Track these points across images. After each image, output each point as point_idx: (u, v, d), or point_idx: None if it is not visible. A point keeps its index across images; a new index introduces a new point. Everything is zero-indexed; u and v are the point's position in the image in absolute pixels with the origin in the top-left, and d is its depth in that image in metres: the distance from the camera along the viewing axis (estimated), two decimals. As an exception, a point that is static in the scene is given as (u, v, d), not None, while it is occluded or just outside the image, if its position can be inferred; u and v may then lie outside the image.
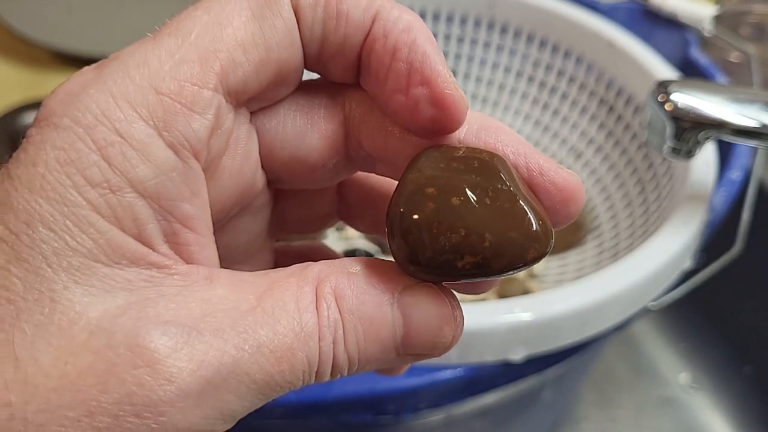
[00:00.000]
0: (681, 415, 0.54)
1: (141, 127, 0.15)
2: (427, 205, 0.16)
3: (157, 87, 0.15)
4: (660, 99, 0.34)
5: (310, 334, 0.16)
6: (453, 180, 0.17)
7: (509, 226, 0.16)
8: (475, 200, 0.17)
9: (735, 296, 0.55)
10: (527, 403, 0.41)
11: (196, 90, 0.16)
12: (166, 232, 0.16)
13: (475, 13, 0.51)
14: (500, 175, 0.17)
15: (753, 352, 0.55)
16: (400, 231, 0.16)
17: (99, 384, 0.14)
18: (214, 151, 0.17)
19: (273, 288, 0.16)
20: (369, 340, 0.16)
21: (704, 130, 0.33)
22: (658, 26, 0.52)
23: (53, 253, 0.14)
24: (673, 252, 0.34)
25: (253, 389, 0.15)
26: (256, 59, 0.16)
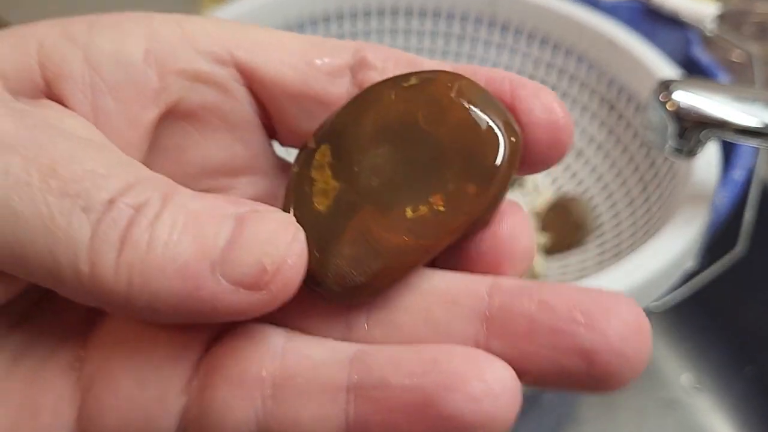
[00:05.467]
0: (683, 416, 0.54)
1: (135, 25, 0.16)
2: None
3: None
4: (662, 98, 0.33)
5: (110, 184, 0.13)
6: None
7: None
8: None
9: (737, 297, 0.55)
10: (529, 405, 0.41)
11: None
12: (77, 104, 0.15)
13: (476, 12, 0.51)
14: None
15: (755, 353, 0.54)
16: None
17: None
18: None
19: (113, 150, 0.14)
20: (186, 230, 0.13)
21: (706, 130, 0.33)
22: (659, 25, 0.52)
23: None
24: (675, 252, 0.34)
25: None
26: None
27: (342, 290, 0.14)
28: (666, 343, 0.57)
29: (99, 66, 0.15)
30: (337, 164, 0.16)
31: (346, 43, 0.17)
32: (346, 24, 0.50)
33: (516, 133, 0.15)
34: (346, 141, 0.16)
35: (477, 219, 0.15)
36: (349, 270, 0.14)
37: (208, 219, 0.13)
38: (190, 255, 0.12)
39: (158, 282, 0.12)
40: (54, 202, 0.12)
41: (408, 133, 0.15)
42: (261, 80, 0.17)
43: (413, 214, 0.15)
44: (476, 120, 0.15)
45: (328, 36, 0.50)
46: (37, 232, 0.12)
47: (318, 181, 0.15)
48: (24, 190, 0.12)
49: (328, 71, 0.17)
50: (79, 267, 0.12)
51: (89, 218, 0.12)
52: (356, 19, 0.50)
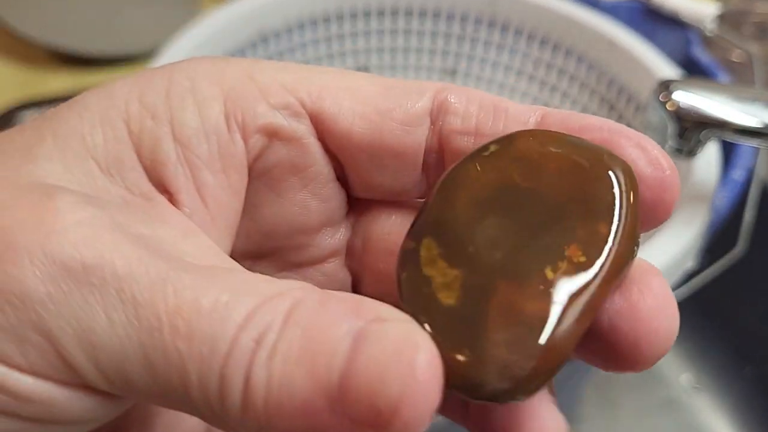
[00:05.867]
0: (683, 416, 0.54)
1: (208, 85, 0.15)
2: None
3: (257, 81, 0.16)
4: (662, 98, 0.33)
5: (233, 316, 0.12)
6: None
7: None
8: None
9: (737, 297, 0.55)
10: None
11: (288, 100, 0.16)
12: (178, 185, 0.15)
13: (476, 12, 0.51)
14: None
15: (755, 353, 0.54)
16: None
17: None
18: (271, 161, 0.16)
19: (235, 273, 0.13)
20: (302, 362, 0.12)
21: (706, 130, 0.33)
22: (659, 25, 0.52)
23: (69, 137, 0.14)
24: (675, 252, 0.33)
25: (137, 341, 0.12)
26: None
27: (511, 384, 0.12)
28: (666, 343, 0.57)
29: (189, 142, 0.15)
30: (449, 252, 0.14)
31: (426, 85, 0.16)
32: (346, 24, 0.50)
33: (625, 163, 0.14)
34: (448, 227, 0.14)
35: (622, 262, 0.13)
36: (511, 357, 0.12)
37: (324, 343, 0.12)
38: (306, 392, 0.12)
39: (282, 421, 0.12)
40: (183, 347, 0.12)
41: (510, 197, 0.14)
42: (331, 132, 0.16)
43: (554, 274, 0.13)
44: (577, 160, 0.14)
45: (332, 38, 0.50)
46: (172, 377, 0.12)
47: (435, 277, 0.14)
48: (156, 337, 0.12)
49: (403, 120, 0.16)
50: (213, 408, 0.12)
51: (217, 360, 0.12)
52: (356, 20, 0.50)
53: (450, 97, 0.16)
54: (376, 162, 0.16)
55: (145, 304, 0.12)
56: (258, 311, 0.12)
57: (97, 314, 0.12)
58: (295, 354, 0.12)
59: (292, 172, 0.16)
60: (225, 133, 0.15)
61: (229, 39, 0.45)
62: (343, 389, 0.12)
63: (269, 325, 0.12)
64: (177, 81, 0.15)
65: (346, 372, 0.12)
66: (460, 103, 0.16)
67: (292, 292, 0.13)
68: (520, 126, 0.16)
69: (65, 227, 0.13)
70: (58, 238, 0.12)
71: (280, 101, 0.16)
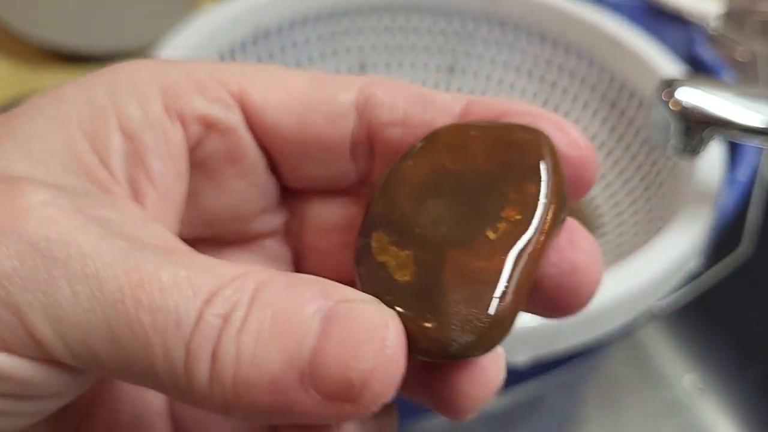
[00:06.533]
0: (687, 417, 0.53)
1: (148, 83, 0.16)
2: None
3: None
4: (665, 97, 0.33)
5: (196, 292, 0.13)
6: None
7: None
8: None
9: (740, 297, 0.54)
10: (531, 407, 0.40)
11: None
12: (129, 174, 0.16)
13: (475, 8, 0.51)
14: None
15: (759, 354, 0.54)
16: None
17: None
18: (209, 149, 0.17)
19: (194, 254, 0.14)
20: (273, 339, 0.12)
21: (710, 129, 0.33)
22: (663, 23, 0.52)
23: (30, 140, 0.15)
24: (678, 252, 0.33)
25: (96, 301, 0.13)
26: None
27: (474, 336, 0.13)
28: (669, 344, 0.57)
29: (135, 134, 0.16)
30: (398, 238, 0.15)
31: (352, 79, 0.17)
32: (345, 22, 0.50)
33: (536, 130, 0.15)
34: (394, 218, 0.15)
35: (557, 213, 0.15)
36: (470, 311, 0.14)
37: (295, 322, 0.13)
38: (278, 368, 0.12)
39: (251, 397, 0.12)
40: (148, 320, 0.12)
41: (445, 180, 0.15)
42: (261, 124, 0.17)
43: (496, 234, 0.14)
44: (497, 137, 0.15)
45: (330, 35, 0.50)
46: (137, 351, 0.13)
47: (389, 261, 0.15)
48: (120, 309, 0.13)
49: (328, 113, 0.17)
50: (179, 382, 0.13)
51: (183, 334, 0.12)
52: (356, 16, 0.50)
53: (376, 90, 0.17)
54: (303, 153, 0.17)
55: (108, 278, 0.13)
56: (223, 289, 0.13)
57: (62, 287, 0.13)
58: (266, 332, 0.12)
59: (228, 163, 0.17)
60: (167, 122, 0.16)
61: (226, 36, 0.45)
62: (315, 365, 0.12)
63: (236, 304, 0.13)
64: (120, 81, 0.16)
65: (317, 349, 0.12)
66: (386, 95, 0.17)
67: (256, 274, 0.13)
68: (446, 114, 0.17)
69: (30, 207, 0.13)
70: (24, 217, 0.13)
71: (215, 95, 0.17)
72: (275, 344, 0.12)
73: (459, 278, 0.14)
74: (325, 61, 0.50)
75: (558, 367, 0.34)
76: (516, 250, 0.14)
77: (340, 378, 0.12)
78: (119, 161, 0.16)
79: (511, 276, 0.14)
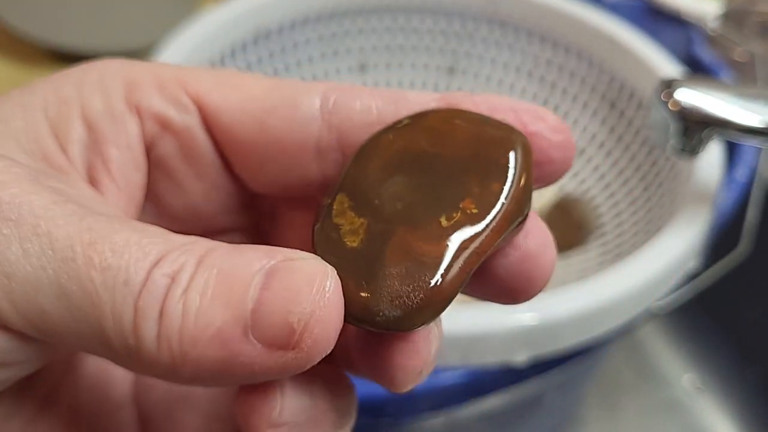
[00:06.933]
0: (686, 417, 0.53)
1: (114, 78, 0.17)
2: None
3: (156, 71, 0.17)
4: (664, 97, 0.33)
5: (146, 254, 0.13)
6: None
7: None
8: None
9: (740, 297, 0.54)
10: (530, 406, 0.40)
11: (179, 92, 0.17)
12: (87, 160, 0.17)
13: (476, 9, 0.51)
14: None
15: (758, 354, 0.54)
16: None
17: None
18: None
19: (146, 224, 0.14)
20: (217, 295, 0.13)
21: (709, 129, 0.33)
22: (662, 23, 0.52)
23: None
24: (677, 252, 0.33)
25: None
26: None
27: (402, 313, 0.14)
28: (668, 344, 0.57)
29: (96, 123, 0.16)
30: (358, 205, 0.15)
31: (313, 85, 0.17)
32: (345, 22, 0.50)
33: (521, 134, 0.16)
34: (360, 184, 0.16)
35: (512, 216, 0.15)
36: (403, 288, 0.14)
37: (238, 278, 0.13)
38: (222, 321, 0.13)
39: (197, 352, 0.13)
40: (97, 277, 0.13)
41: (417, 160, 0.16)
42: (218, 127, 0.17)
43: (448, 222, 0.15)
44: (479, 131, 0.16)
45: (331, 35, 0.50)
46: (86, 309, 0.13)
47: (343, 225, 0.15)
48: (70, 266, 0.13)
49: (287, 117, 0.17)
50: (127, 342, 0.13)
51: (131, 292, 0.13)
52: (357, 17, 0.50)
53: (341, 95, 0.17)
54: (263, 157, 0.17)
55: (60, 238, 0.13)
56: (171, 253, 0.13)
57: (11, 244, 0.13)
58: (210, 289, 0.13)
59: (185, 163, 0.18)
60: (126, 114, 0.17)
61: (226, 36, 0.45)
62: (257, 314, 0.13)
63: (183, 265, 0.13)
64: (87, 76, 0.17)
65: (259, 300, 0.13)
66: (353, 99, 0.17)
67: (204, 242, 0.14)
68: (423, 109, 0.17)
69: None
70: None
71: (172, 95, 0.17)
72: (219, 299, 0.13)
73: (401, 255, 0.14)
74: (325, 61, 0.50)
75: (557, 367, 0.34)
76: (462, 241, 0.14)
77: (281, 323, 0.13)
78: (78, 148, 0.16)
79: (450, 265, 0.14)
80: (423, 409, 0.33)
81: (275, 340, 0.13)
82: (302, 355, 0.13)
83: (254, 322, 0.13)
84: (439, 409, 0.33)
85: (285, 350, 0.13)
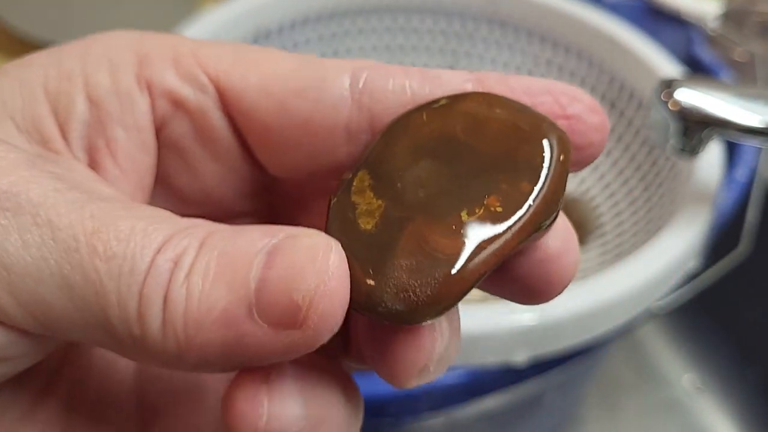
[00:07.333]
0: (686, 417, 0.53)
1: (124, 51, 0.16)
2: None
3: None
4: (664, 97, 0.33)
5: (151, 240, 0.13)
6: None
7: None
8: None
9: (740, 297, 0.54)
10: (530, 406, 0.40)
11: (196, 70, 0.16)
12: (89, 142, 0.16)
13: (476, 9, 0.51)
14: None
15: (758, 354, 0.54)
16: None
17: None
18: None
19: (149, 207, 0.14)
20: (220, 276, 0.12)
21: (709, 129, 0.33)
22: (662, 23, 0.52)
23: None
24: (677, 252, 0.33)
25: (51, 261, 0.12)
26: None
27: (406, 308, 0.13)
28: (668, 344, 0.57)
29: (101, 101, 0.16)
30: (378, 185, 0.15)
31: (342, 62, 0.16)
32: (346, 22, 0.50)
33: (562, 132, 0.15)
34: (384, 163, 0.15)
35: (538, 220, 0.14)
36: (410, 282, 0.13)
37: (240, 259, 0.13)
38: (226, 303, 0.12)
39: (201, 336, 0.12)
40: (102, 266, 0.12)
41: (447, 146, 0.15)
42: (237, 108, 0.16)
43: (470, 217, 0.14)
44: (517, 123, 0.15)
45: (331, 35, 0.50)
46: (90, 299, 0.12)
47: (360, 204, 0.14)
48: (74, 257, 0.12)
49: (314, 98, 0.15)
50: (132, 331, 0.12)
51: (136, 280, 0.12)
52: (357, 17, 0.50)
53: (373, 74, 0.16)
54: (285, 140, 0.16)
55: (62, 227, 0.13)
56: (174, 237, 0.13)
57: (10, 235, 0.12)
58: (212, 271, 0.12)
59: (199, 145, 0.17)
60: (135, 92, 0.16)
61: (226, 36, 0.45)
62: (260, 293, 0.12)
63: (186, 249, 0.13)
64: (94, 49, 0.16)
65: (262, 279, 0.12)
66: (385, 78, 0.16)
67: (207, 224, 0.13)
68: (456, 91, 0.16)
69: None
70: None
71: (188, 72, 0.16)
72: (222, 281, 0.12)
73: (414, 246, 0.13)
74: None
75: (557, 367, 0.34)
76: (480, 240, 0.13)
77: (286, 302, 0.12)
78: (79, 128, 0.16)
79: (464, 264, 0.13)
80: (423, 409, 0.33)
81: (281, 320, 0.12)
82: (309, 334, 0.12)
83: (258, 302, 0.12)
84: (440, 409, 0.33)
85: (291, 329, 0.12)
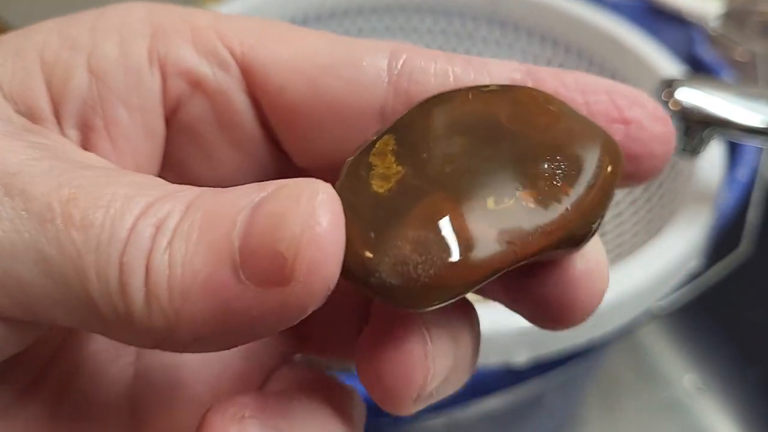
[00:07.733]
0: (686, 417, 0.53)
1: (137, 22, 0.14)
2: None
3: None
4: (664, 97, 0.33)
5: (132, 207, 0.11)
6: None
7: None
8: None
9: (741, 297, 0.54)
10: (530, 407, 0.40)
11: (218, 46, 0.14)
12: (84, 119, 0.14)
13: (476, 8, 0.51)
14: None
15: (759, 355, 0.54)
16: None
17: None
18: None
19: (136, 174, 0.12)
20: (202, 237, 0.11)
21: (710, 128, 0.33)
22: (663, 23, 0.52)
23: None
24: (678, 252, 0.33)
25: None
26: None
27: (402, 284, 0.11)
28: (669, 345, 0.57)
29: (105, 75, 0.14)
30: (402, 151, 0.13)
31: (380, 43, 0.14)
32: (346, 22, 0.50)
33: (615, 143, 0.13)
34: (414, 131, 0.13)
35: (571, 230, 0.13)
36: (413, 256, 0.11)
37: (223, 217, 0.11)
38: (210, 265, 0.11)
39: (189, 306, 0.11)
40: (79, 237, 0.11)
41: (488, 129, 0.13)
42: (263, 88, 0.14)
43: (496, 206, 0.12)
44: (569, 125, 0.13)
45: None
46: (69, 274, 0.11)
47: (377, 166, 0.13)
48: (49, 229, 0.11)
49: (348, 78, 0.14)
50: (116, 306, 0.11)
51: (116, 248, 0.11)
52: (357, 17, 0.50)
53: (413, 56, 0.14)
54: (315, 124, 0.14)
55: (36, 196, 0.11)
56: (158, 201, 0.11)
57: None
58: (195, 233, 0.11)
59: (219, 129, 0.15)
60: (145, 68, 0.14)
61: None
62: (244, 251, 0.11)
63: (169, 213, 0.11)
64: (106, 17, 0.14)
65: (245, 234, 0.11)
66: (427, 61, 0.14)
67: (198, 189, 0.12)
68: (504, 81, 0.14)
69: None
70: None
71: (209, 48, 0.14)
72: (205, 242, 0.11)
73: (426, 220, 0.12)
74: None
75: (558, 367, 0.34)
76: (502, 230, 0.12)
77: (270, 254, 0.11)
78: (75, 102, 0.14)
79: (480, 252, 0.12)
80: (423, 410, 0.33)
81: (268, 276, 0.11)
82: (300, 289, 0.11)
83: (243, 261, 0.11)
84: (440, 409, 0.33)
85: (281, 286, 0.11)
